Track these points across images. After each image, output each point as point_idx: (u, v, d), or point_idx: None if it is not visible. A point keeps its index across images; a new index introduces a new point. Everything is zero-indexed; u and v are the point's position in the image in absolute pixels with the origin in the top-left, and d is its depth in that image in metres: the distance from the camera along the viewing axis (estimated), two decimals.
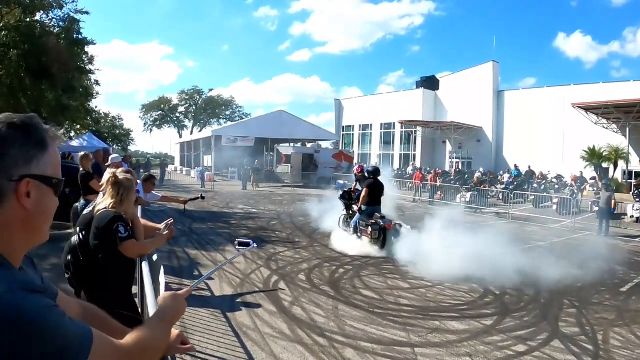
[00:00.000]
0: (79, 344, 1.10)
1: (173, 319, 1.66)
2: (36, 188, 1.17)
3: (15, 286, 1.04)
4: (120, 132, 73.37)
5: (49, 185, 1.21)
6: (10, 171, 1.13)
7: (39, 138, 1.19)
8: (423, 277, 8.93)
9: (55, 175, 1.23)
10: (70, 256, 4.11)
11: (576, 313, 7.26)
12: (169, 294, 1.72)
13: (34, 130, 1.19)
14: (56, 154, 1.25)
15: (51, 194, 1.23)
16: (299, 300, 7.38)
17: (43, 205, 1.20)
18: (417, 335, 6.10)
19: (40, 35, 24.53)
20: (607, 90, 34.49)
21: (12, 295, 1.01)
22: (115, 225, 3.69)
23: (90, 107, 39.43)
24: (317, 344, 5.67)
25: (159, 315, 1.61)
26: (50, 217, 1.26)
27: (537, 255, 10.69)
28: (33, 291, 1.07)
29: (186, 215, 16.42)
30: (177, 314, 1.68)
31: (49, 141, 1.22)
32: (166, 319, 1.60)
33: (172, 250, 10.43)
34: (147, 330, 1.47)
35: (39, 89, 25.50)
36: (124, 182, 3.82)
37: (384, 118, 53.62)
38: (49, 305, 1.07)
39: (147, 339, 1.43)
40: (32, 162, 1.16)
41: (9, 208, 1.14)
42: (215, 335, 5.75)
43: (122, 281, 3.87)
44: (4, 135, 1.14)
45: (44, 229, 1.25)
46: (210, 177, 34.52)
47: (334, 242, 11.76)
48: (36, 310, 1.02)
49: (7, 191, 1.13)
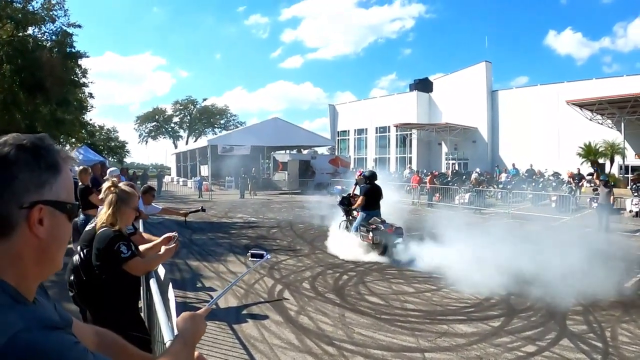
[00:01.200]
0: None
1: (195, 341, 1.61)
2: (49, 214, 1.09)
3: (34, 323, 0.97)
4: (116, 144, 73.40)
5: (62, 210, 1.13)
6: (21, 198, 1.05)
7: (51, 161, 1.11)
8: (427, 280, 8.90)
9: (69, 200, 1.15)
10: (73, 276, 4.04)
11: (583, 311, 7.24)
12: (188, 314, 1.67)
13: (45, 152, 1.11)
14: (69, 177, 1.17)
15: (65, 220, 1.14)
16: (305, 309, 7.33)
17: (57, 233, 1.12)
18: (426, 340, 6.07)
19: (33, 49, 24.54)
20: (600, 86, 34.55)
21: (30, 334, 0.94)
22: (117, 245, 3.60)
23: (85, 120, 39.41)
24: (326, 353, 5.63)
25: (181, 340, 1.55)
26: (64, 244, 1.18)
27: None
28: (53, 328, 1.00)
29: (186, 226, 16.36)
30: (197, 335, 1.63)
31: (61, 163, 1.14)
32: (188, 343, 1.56)
33: (173, 262, 10.36)
34: (171, 357, 1.44)
35: (33, 103, 25.48)
36: (121, 193, 3.76)
37: (379, 122, 53.65)
38: (70, 343, 0.99)
39: None
40: (45, 187, 1.08)
41: (20, 237, 1.06)
42: (223, 348, 5.70)
43: (127, 300, 3.81)
44: (13, 159, 1.05)
45: (59, 258, 1.16)
46: (207, 187, 34.46)
47: (335, 249, 11.70)
48: (58, 350, 0.95)
49: (18, 219, 1.05)
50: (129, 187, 4.00)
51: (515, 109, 42.37)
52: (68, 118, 30.71)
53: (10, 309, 0.98)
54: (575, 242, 13.17)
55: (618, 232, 16.19)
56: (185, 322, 1.62)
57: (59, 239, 1.14)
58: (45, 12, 25.83)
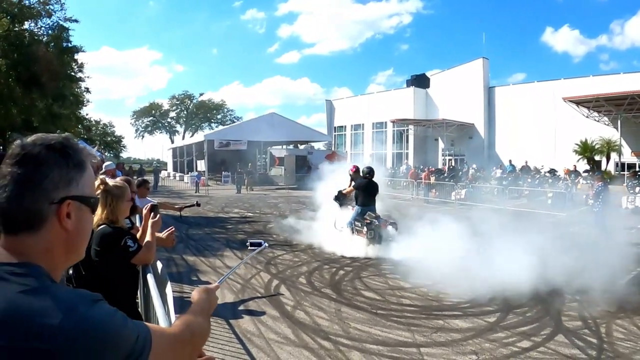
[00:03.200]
0: (142, 344, 1.14)
1: (210, 310, 1.70)
2: (76, 209, 1.19)
3: (79, 299, 1.06)
4: (112, 139, 73.27)
5: (87, 204, 1.23)
6: (51, 194, 1.14)
7: (77, 159, 1.21)
8: (422, 276, 8.88)
9: (92, 195, 1.26)
10: (72, 270, 4.05)
11: (577, 307, 7.27)
12: (201, 287, 1.77)
13: (72, 151, 1.20)
14: (91, 173, 1.27)
15: (89, 213, 1.25)
16: (301, 304, 7.36)
17: (82, 225, 1.22)
18: (422, 335, 6.10)
19: (30, 44, 24.44)
20: (597, 84, 34.66)
21: (80, 309, 1.03)
22: (123, 241, 3.64)
23: (81, 114, 39.32)
24: (322, 347, 5.66)
25: (198, 306, 1.64)
26: (87, 235, 1.28)
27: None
28: (95, 300, 1.09)
29: (182, 221, 16.36)
30: (211, 305, 1.72)
31: (85, 161, 1.24)
32: (204, 310, 1.64)
33: (170, 257, 10.39)
34: (192, 316, 1.52)
35: (29, 98, 25.38)
36: (113, 190, 3.76)
37: (376, 117, 53.62)
38: (112, 311, 1.10)
39: (193, 323, 1.47)
40: (72, 184, 1.18)
41: (50, 230, 1.15)
42: (219, 343, 5.71)
43: (125, 293, 3.83)
44: (44, 159, 1.15)
45: (82, 248, 1.27)
46: (203, 182, 34.44)
47: (330, 244, 11.68)
48: (105, 319, 1.06)
49: (49, 214, 1.14)
50: (120, 182, 4.00)
51: (511, 105, 42.43)
52: (64, 113, 30.65)
53: (56, 289, 1.08)
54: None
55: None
56: (200, 294, 1.71)
57: (84, 230, 1.25)
58: (42, 7, 25.79)
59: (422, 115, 48.61)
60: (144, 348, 1.14)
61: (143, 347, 1.13)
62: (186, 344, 1.38)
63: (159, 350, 1.19)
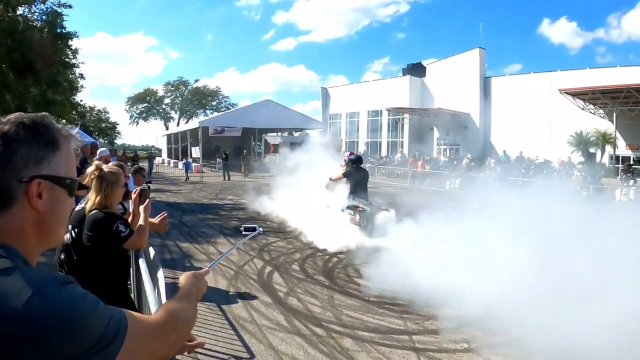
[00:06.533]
0: (115, 330, 1.09)
1: (198, 296, 1.67)
2: (48, 189, 1.15)
3: (47, 281, 1.02)
4: (107, 125, 72.93)
5: (62, 185, 1.19)
6: (20, 172, 1.11)
7: (50, 138, 1.17)
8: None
9: (68, 175, 1.21)
10: (64, 255, 4.05)
11: None
12: (189, 273, 1.73)
13: (44, 129, 1.17)
14: (70, 154, 1.23)
15: (65, 195, 1.21)
16: (294, 290, 7.38)
17: (56, 206, 1.18)
18: (413, 323, 6.13)
19: (24, 30, 24.18)
20: (593, 76, 34.70)
21: (46, 291, 0.99)
22: (115, 226, 3.66)
23: (76, 101, 39.00)
24: (314, 334, 5.68)
25: (185, 291, 1.61)
26: (65, 218, 1.24)
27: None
28: (65, 282, 1.05)
29: (176, 208, 16.39)
30: (200, 290, 1.68)
31: (61, 140, 1.19)
32: (192, 295, 1.60)
33: (164, 243, 10.39)
34: (176, 302, 1.48)
35: (23, 84, 25.16)
36: (108, 176, 3.75)
37: (371, 105, 53.50)
38: (82, 294, 1.06)
39: (178, 309, 1.43)
40: (43, 163, 1.14)
41: (20, 210, 1.12)
42: (212, 329, 5.73)
43: (117, 279, 3.84)
44: (13, 136, 1.12)
45: (59, 231, 1.23)
46: (198, 169, 34.36)
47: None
48: (72, 301, 1.02)
49: (18, 193, 1.11)
50: (115, 167, 4.00)
51: (507, 96, 42.47)
52: (58, 99, 30.34)
53: (25, 270, 1.03)
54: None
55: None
56: (188, 279, 1.68)
57: (59, 212, 1.20)
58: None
59: (417, 104, 48.57)
60: (117, 334, 1.09)
61: (116, 333, 1.09)
62: (169, 331, 1.33)
63: (136, 337, 1.15)
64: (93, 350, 1.02)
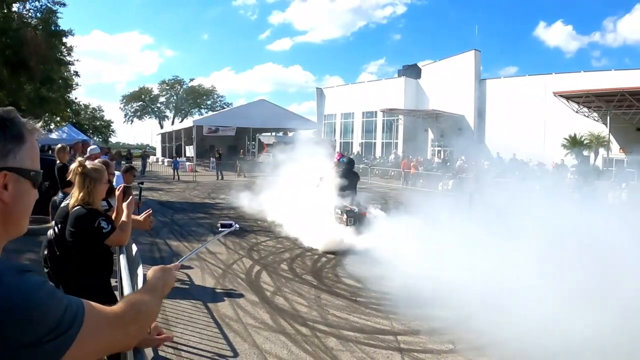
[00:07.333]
0: (71, 317, 1.13)
1: (164, 289, 1.69)
2: (14, 180, 1.18)
3: (6, 269, 1.05)
4: (101, 123, 72.69)
5: (26, 177, 1.22)
6: None
7: (16, 131, 1.20)
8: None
9: (33, 168, 1.25)
10: (47, 250, 4.07)
11: None
12: (158, 267, 1.76)
13: (10, 123, 1.20)
14: (34, 147, 1.27)
15: (29, 186, 1.24)
16: (282, 290, 7.38)
17: (21, 197, 1.21)
18: (399, 324, 6.12)
19: (18, 27, 24.10)
20: (588, 79, 34.72)
21: (7, 277, 1.03)
22: (97, 222, 3.68)
23: (70, 98, 38.91)
24: (299, 333, 5.68)
25: (149, 285, 1.64)
26: (28, 209, 1.27)
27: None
28: (24, 271, 1.09)
29: (168, 206, 16.35)
30: (166, 285, 1.71)
31: (26, 134, 1.23)
32: (157, 289, 1.64)
33: (153, 242, 10.39)
34: (138, 295, 1.53)
35: (17, 81, 25.08)
36: (91, 173, 3.75)
37: (366, 106, 53.44)
38: (39, 282, 1.09)
39: (139, 302, 1.47)
40: (9, 156, 1.18)
41: None
42: (197, 327, 5.74)
43: (100, 274, 3.84)
44: None
45: (23, 222, 1.26)
46: (191, 168, 34.31)
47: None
48: (28, 289, 1.05)
49: None
50: (98, 164, 4.01)
51: (502, 98, 42.45)
52: (53, 96, 30.31)
53: None
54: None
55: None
56: (155, 272, 1.72)
57: (23, 203, 1.23)
58: None
59: (412, 106, 48.54)
60: (74, 321, 1.13)
61: (73, 321, 1.13)
62: (129, 322, 1.37)
63: (94, 326, 1.19)
64: (49, 337, 1.05)
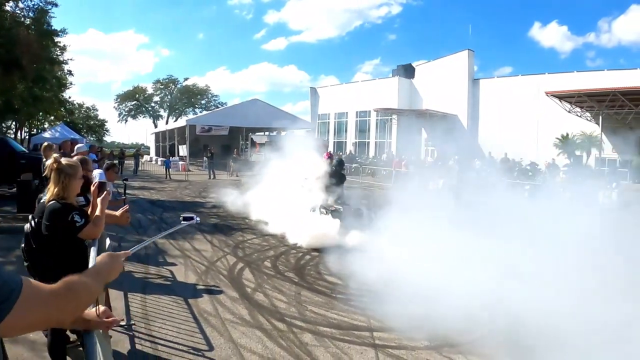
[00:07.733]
0: (8, 291, 1.23)
1: (109, 274, 1.78)
2: None
3: None
4: (95, 122, 72.61)
5: None
6: None
7: None
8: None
9: None
10: (24, 243, 4.15)
11: None
12: (106, 253, 1.86)
13: None
14: None
15: None
16: (262, 286, 7.42)
17: None
18: (376, 320, 6.15)
19: (10, 26, 24.10)
20: (581, 79, 34.86)
21: None
22: (70, 216, 3.78)
23: (64, 97, 38.92)
24: (276, 328, 5.73)
25: (94, 269, 1.74)
26: None
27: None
28: None
29: (158, 205, 16.37)
30: (112, 270, 1.81)
31: None
32: (101, 273, 1.73)
33: (141, 239, 10.38)
34: (79, 277, 1.58)
35: (9, 80, 25.07)
36: (66, 169, 3.82)
37: (360, 106, 53.49)
38: None
39: (77, 283, 1.53)
40: None
41: None
42: (176, 321, 5.79)
43: (75, 266, 3.86)
44: None
45: None
46: (184, 167, 34.31)
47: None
48: None
49: None
50: (73, 160, 4.08)
51: (496, 98, 42.56)
52: (46, 95, 30.33)
53: None
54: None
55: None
56: (103, 258, 1.82)
57: None
58: None
59: (406, 105, 48.60)
60: (10, 295, 1.22)
61: (9, 294, 1.22)
62: (65, 301, 1.44)
63: (29, 301, 1.26)
64: None
